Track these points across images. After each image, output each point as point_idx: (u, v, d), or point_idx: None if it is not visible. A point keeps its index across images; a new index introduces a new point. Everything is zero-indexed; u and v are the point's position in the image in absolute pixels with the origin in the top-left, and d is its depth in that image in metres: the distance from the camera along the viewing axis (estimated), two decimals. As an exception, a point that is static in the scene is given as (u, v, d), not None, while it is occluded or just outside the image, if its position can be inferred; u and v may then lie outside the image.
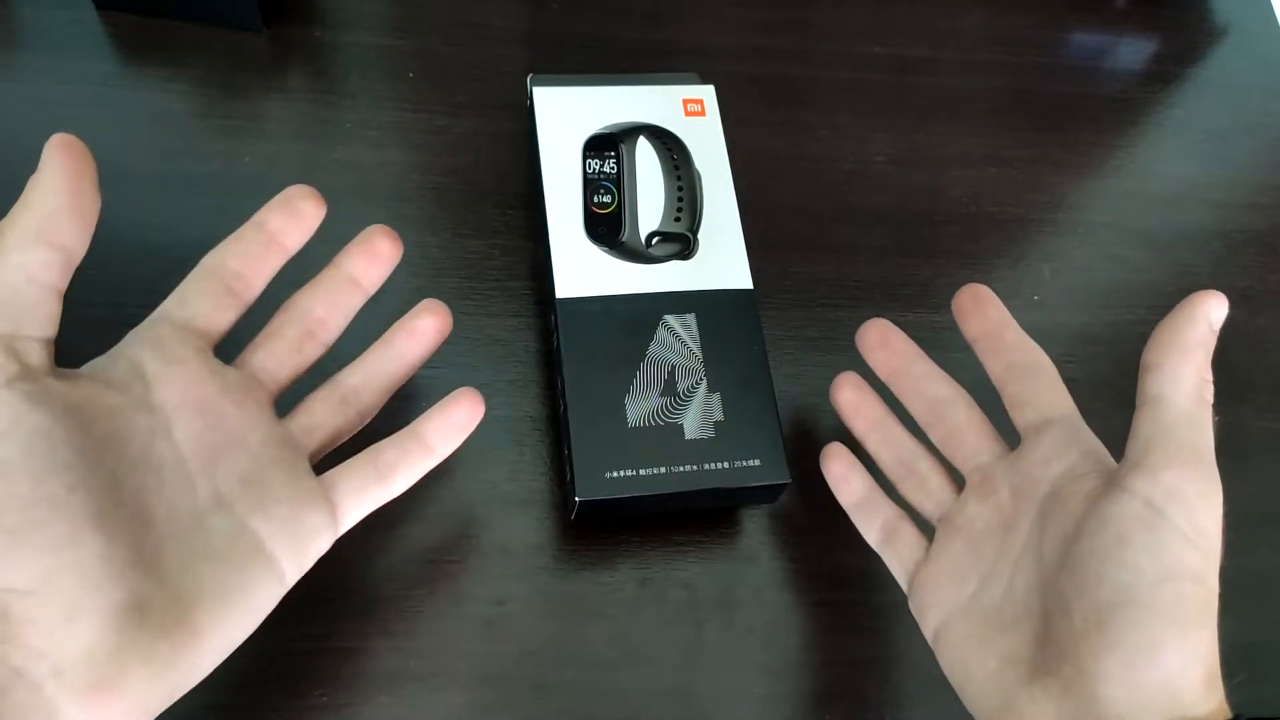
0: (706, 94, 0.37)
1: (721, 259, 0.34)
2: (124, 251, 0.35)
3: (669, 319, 0.33)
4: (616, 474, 0.30)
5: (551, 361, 0.35)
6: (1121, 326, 0.40)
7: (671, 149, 0.36)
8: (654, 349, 0.32)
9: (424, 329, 0.30)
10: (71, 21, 0.39)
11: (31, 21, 0.39)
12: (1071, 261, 0.42)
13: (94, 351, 0.31)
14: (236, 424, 0.26)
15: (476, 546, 0.32)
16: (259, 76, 0.39)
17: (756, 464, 0.31)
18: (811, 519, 0.34)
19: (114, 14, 0.39)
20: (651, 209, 0.35)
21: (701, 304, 0.33)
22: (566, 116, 0.36)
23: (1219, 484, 0.24)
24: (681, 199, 0.35)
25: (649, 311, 0.33)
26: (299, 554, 0.26)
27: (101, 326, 0.33)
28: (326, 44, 0.41)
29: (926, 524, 0.31)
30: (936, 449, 0.31)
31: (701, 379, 0.32)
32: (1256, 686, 0.34)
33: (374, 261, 0.29)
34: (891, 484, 0.31)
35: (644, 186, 0.35)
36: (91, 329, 0.32)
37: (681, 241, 0.34)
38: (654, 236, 0.34)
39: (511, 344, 0.36)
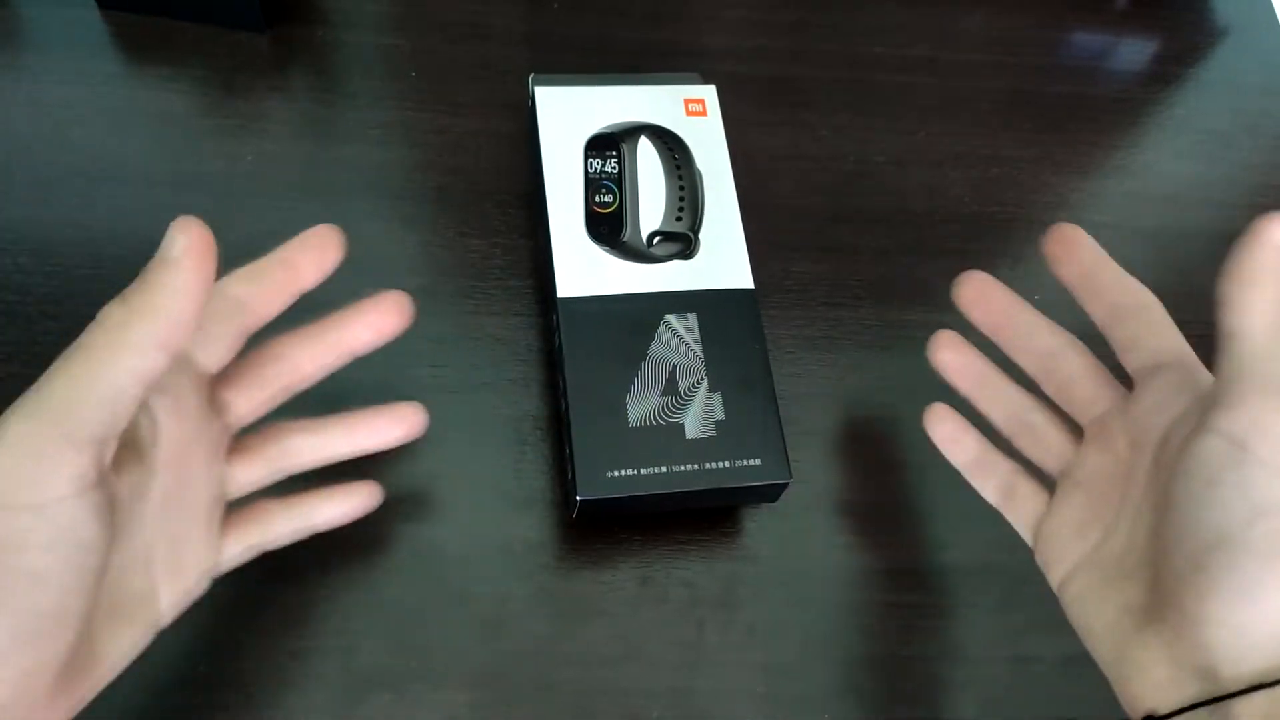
0: (708, 94, 0.38)
1: (722, 258, 0.34)
2: (124, 252, 0.35)
3: (670, 318, 0.33)
4: (617, 473, 0.30)
5: (553, 361, 0.35)
6: (1122, 326, 0.40)
7: (673, 148, 0.36)
8: (655, 348, 0.32)
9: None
10: (73, 21, 0.39)
11: (33, 21, 0.39)
12: (1072, 261, 0.42)
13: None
14: (195, 480, 0.25)
15: (477, 545, 0.32)
16: (261, 76, 0.40)
17: (757, 463, 0.31)
18: (812, 518, 0.34)
19: (116, 13, 0.39)
20: (653, 208, 0.35)
21: (702, 303, 0.33)
22: (568, 116, 0.36)
23: None
24: (683, 199, 0.35)
25: (650, 311, 0.33)
26: (176, 611, 0.25)
27: (104, 326, 0.33)
28: (328, 43, 0.41)
29: (1044, 477, 0.29)
30: (1048, 400, 0.30)
31: (702, 378, 0.32)
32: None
33: (376, 333, 0.28)
34: (1005, 440, 0.30)
35: (645, 186, 0.35)
36: (94, 328, 0.32)
37: (683, 241, 0.34)
38: (655, 236, 0.34)
39: (513, 343, 0.36)
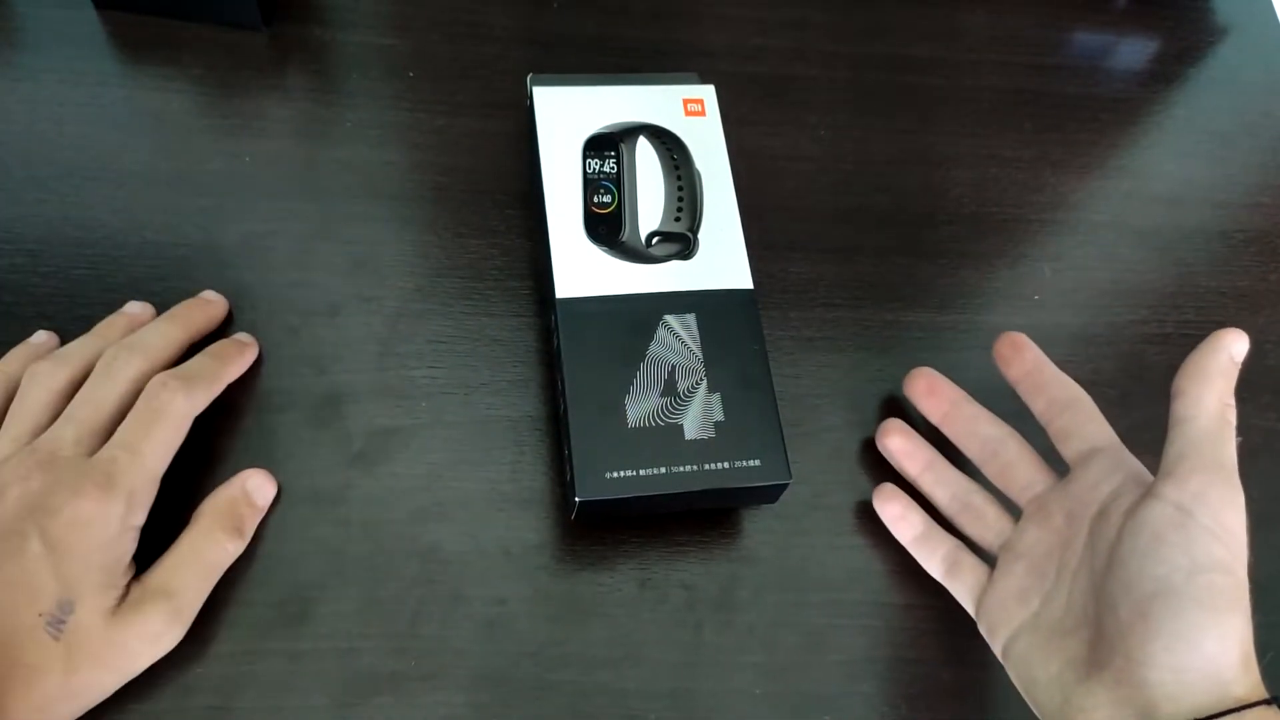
0: (706, 93, 0.37)
1: (722, 259, 0.34)
2: (122, 252, 0.35)
3: (669, 319, 0.33)
4: (617, 474, 0.30)
5: (552, 361, 0.35)
6: (1122, 326, 0.40)
7: (671, 149, 0.36)
8: (654, 349, 0.32)
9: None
10: (71, 21, 0.39)
11: (31, 21, 0.39)
12: (1072, 261, 0.41)
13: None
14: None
15: (477, 546, 0.32)
16: (259, 75, 0.39)
17: (757, 464, 0.31)
18: (810, 519, 0.34)
19: (113, 13, 0.39)
20: (651, 209, 0.35)
21: (702, 304, 0.33)
22: (566, 116, 0.36)
23: (1240, 490, 0.27)
24: (681, 199, 0.35)
25: (649, 311, 0.33)
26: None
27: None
28: (326, 43, 0.41)
29: (983, 553, 0.33)
30: (986, 483, 0.34)
31: (702, 379, 0.32)
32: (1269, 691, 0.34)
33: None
34: (948, 519, 0.34)
35: (644, 186, 0.35)
36: (89, 329, 0.32)
37: (681, 241, 0.34)
38: (654, 236, 0.34)
39: (511, 344, 0.36)
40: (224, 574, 0.30)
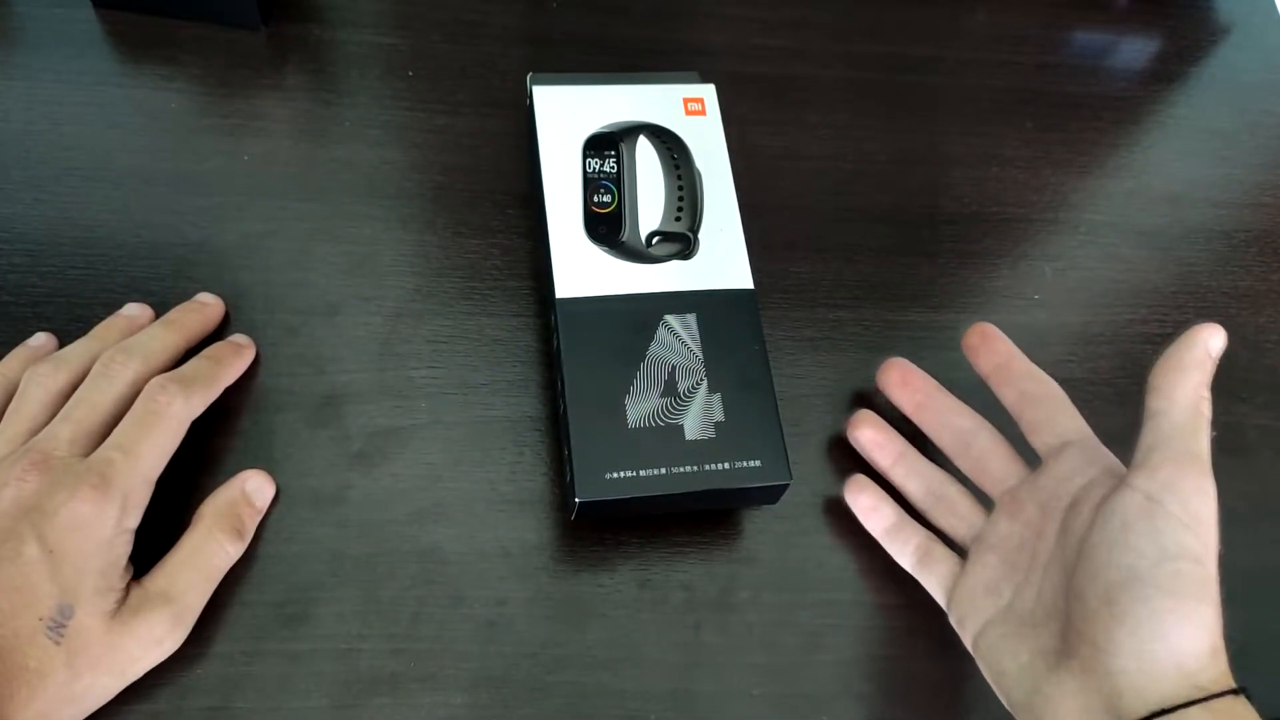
0: (707, 93, 0.37)
1: (722, 258, 0.34)
2: (121, 252, 0.35)
3: (669, 319, 0.33)
4: (616, 475, 0.30)
5: (552, 361, 0.34)
6: (1122, 326, 0.40)
7: (672, 148, 0.36)
8: (654, 349, 0.32)
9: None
10: (69, 20, 0.39)
11: (29, 20, 0.39)
12: (1073, 261, 0.41)
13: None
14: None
15: (476, 547, 0.32)
16: (257, 75, 0.39)
17: (757, 465, 0.31)
18: (810, 520, 0.34)
19: (111, 12, 0.39)
20: (652, 208, 0.35)
21: (702, 304, 0.33)
22: (566, 115, 0.36)
23: (1213, 481, 0.27)
24: (682, 198, 0.35)
25: (649, 311, 0.33)
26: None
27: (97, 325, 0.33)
28: (325, 42, 0.41)
29: (954, 545, 0.33)
30: (958, 475, 0.33)
31: (702, 379, 0.32)
32: (1258, 684, 0.34)
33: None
34: (920, 511, 0.33)
35: (644, 186, 0.35)
36: (87, 329, 0.32)
37: (682, 241, 0.34)
38: (654, 236, 0.34)
39: (511, 344, 0.35)
40: (221, 578, 0.30)
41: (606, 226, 0.34)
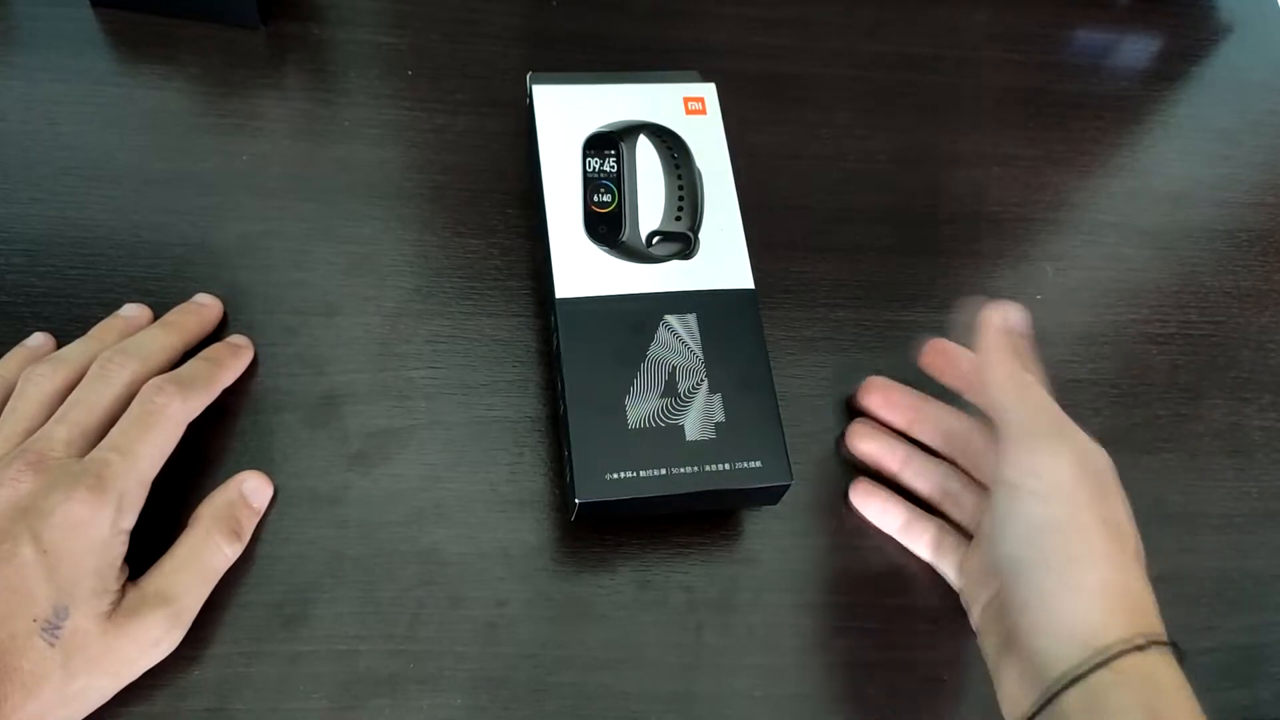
0: (707, 92, 0.37)
1: (722, 258, 0.34)
2: (119, 252, 0.35)
3: (670, 319, 0.32)
4: (617, 475, 0.30)
5: (552, 362, 0.34)
6: (1124, 326, 0.40)
7: (672, 147, 0.36)
8: (655, 349, 0.32)
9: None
10: (67, 19, 0.39)
11: (27, 19, 0.39)
12: (1075, 260, 0.41)
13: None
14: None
15: (476, 548, 0.32)
16: (256, 74, 0.39)
17: (758, 465, 0.31)
18: (811, 521, 0.34)
19: (110, 11, 0.39)
20: (652, 208, 0.35)
21: (702, 304, 0.33)
22: (566, 114, 0.36)
23: (1062, 438, 0.28)
24: (682, 198, 0.35)
25: (649, 312, 0.32)
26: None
27: (96, 325, 0.33)
28: (324, 41, 0.41)
29: (965, 531, 0.33)
30: (958, 467, 0.34)
31: (703, 380, 0.32)
32: (1260, 686, 0.34)
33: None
34: (932, 505, 0.34)
35: (644, 185, 0.35)
36: (86, 328, 0.32)
37: (682, 241, 0.34)
38: (654, 236, 0.34)
39: (511, 344, 0.35)
40: (219, 579, 0.29)
41: (606, 226, 0.34)
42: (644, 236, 0.34)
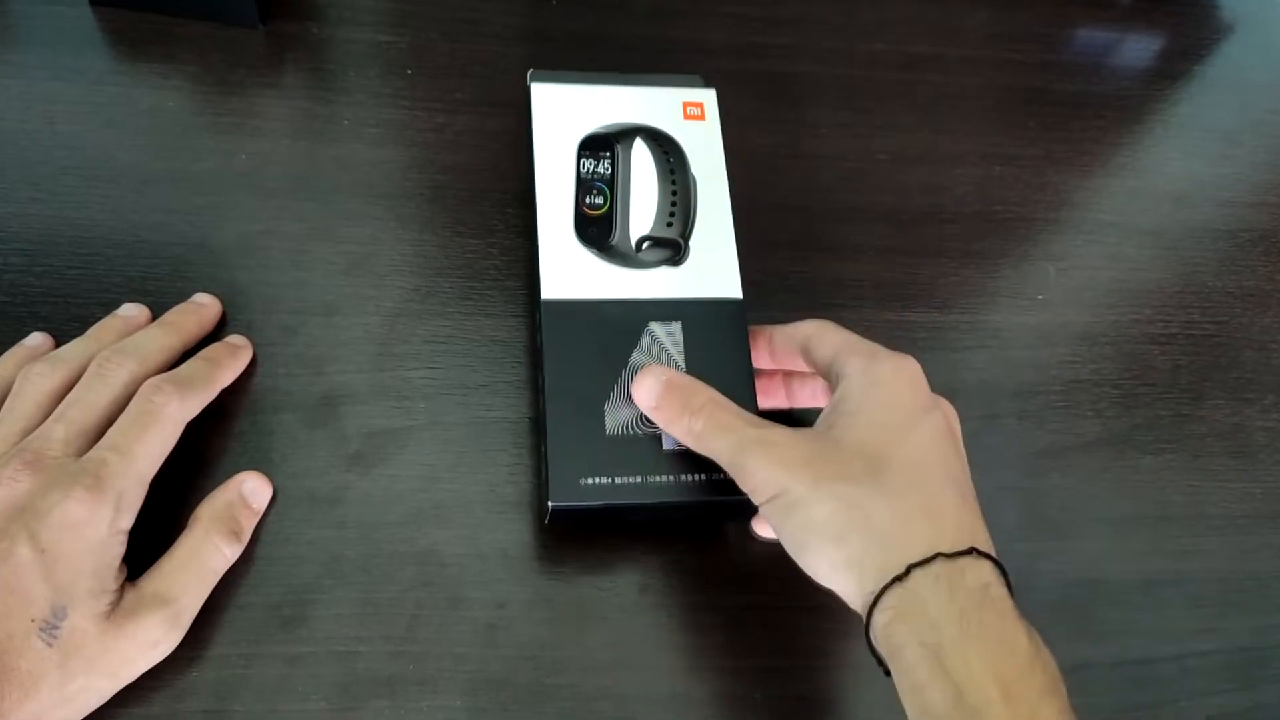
0: (707, 97, 0.37)
1: (712, 267, 0.34)
2: (118, 251, 0.35)
3: (654, 326, 0.32)
4: (592, 481, 0.30)
5: (536, 361, 0.34)
6: (1126, 326, 0.40)
7: (668, 152, 0.36)
8: (637, 356, 0.32)
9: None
10: (65, 18, 0.39)
11: (25, 17, 0.39)
12: (1076, 260, 0.41)
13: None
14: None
15: (475, 549, 0.32)
16: (255, 73, 0.39)
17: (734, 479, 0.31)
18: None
19: (108, 10, 0.39)
20: (644, 213, 0.34)
21: (688, 313, 0.32)
22: (564, 114, 0.36)
23: (765, 441, 0.28)
24: (675, 204, 0.35)
25: (634, 318, 0.32)
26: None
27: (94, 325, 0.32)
28: (324, 40, 0.40)
29: None
30: None
31: None
32: (1263, 689, 0.34)
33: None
34: None
35: (637, 189, 0.35)
36: (84, 328, 0.32)
37: (672, 247, 0.34)
38: (644, 241, 0.34)
39: (510, 344, 0.35)
40: (218, 580, 0.29)
41: (597, 229, 0.34)
42: (634, 241, 0.34)
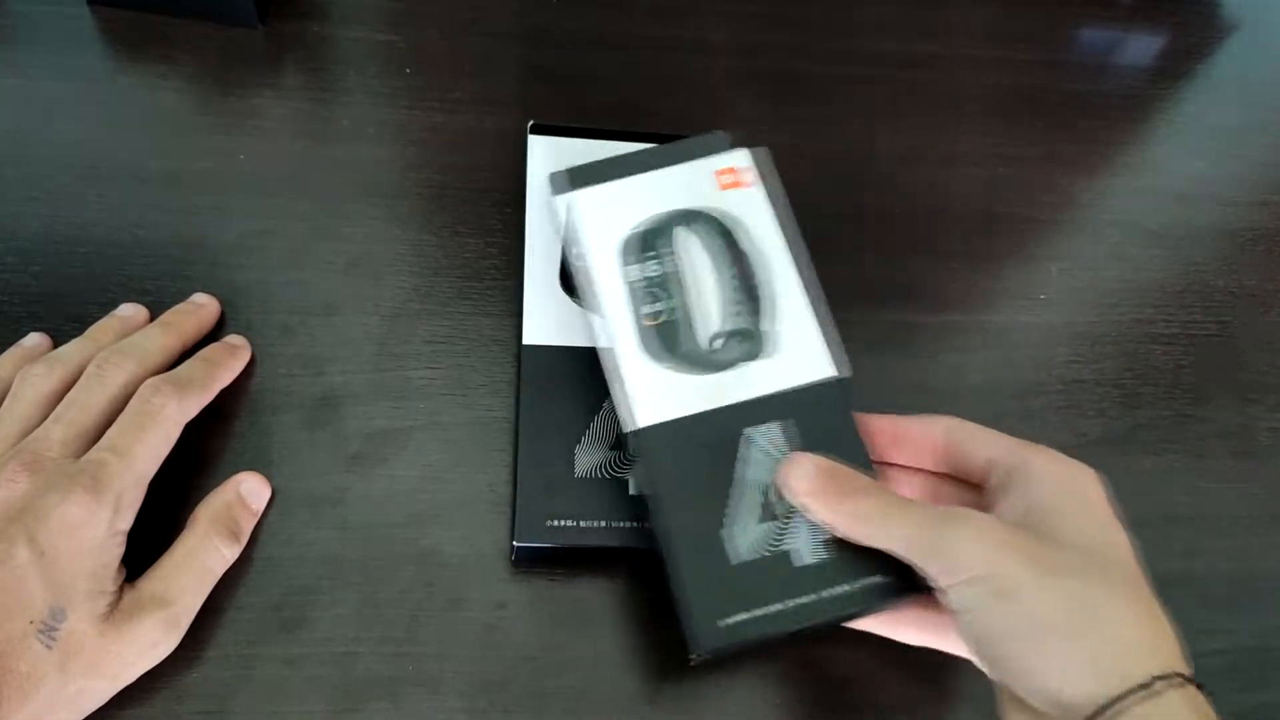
0: (739, 159, 0.33)
1: (796, 347, 0.31)
2: (116, 251, 0.34)
3: (749, 432, 0.30)
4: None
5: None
6: (1129, 326, 0.40)
7: (714, 234, 0.33)
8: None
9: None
10: (64, 17, 0.39)
11: (23, 17, 0.39)
12: (1079, 260, 0.41)
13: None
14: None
15: (475, 550, 0.32)
16: (254, 72, 0.39)
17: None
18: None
19: (106, 9, 0.39)
20: (709, 308, 0.32)
21: (785, 405, 0.30)
22: (600, 216, 0.33)
23: (971, 518, 0.26)
24: (739, 288, 0.32)
25: (728, 426, 0.30)
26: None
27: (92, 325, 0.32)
28: (323, 39, 0.40)
29: None
30: None
31: None
32: (1270, 690, 0.34)
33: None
34: None
35: (695, 284, 0.34)
36: (82, 329, 0.32)
37: (748, 338, 0.32)
38: (716, 338, 0.31)
39: (510, 344, 0.35)
40: (218, 581, 0.29)
41: (661, 338, 0.31)
42: (705, 342, 0.33)
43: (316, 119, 0.38)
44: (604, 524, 0.30)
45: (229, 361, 0.32)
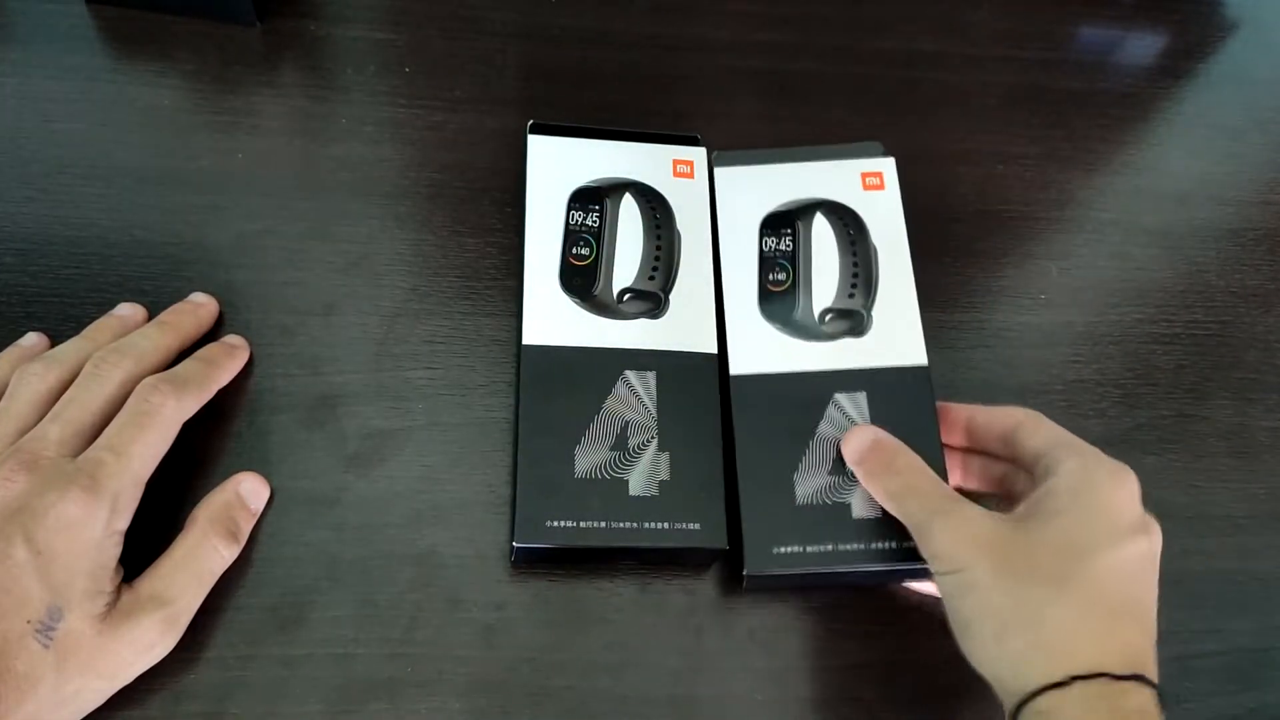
0: (886, 166, 0.37)
1: (897, 335, 0.34)
2: (113, 251, 0.34)
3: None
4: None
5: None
6: (1129, 325, 0.40)
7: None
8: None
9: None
10: (61, 15, 0.38)
11: (20, 15, 0.38)
12: (1079, 260, 0.41)
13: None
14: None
15: (474, 550, 0.32)
16: (252, 71, 0.39)
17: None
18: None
19: (104, 8, 0.39)
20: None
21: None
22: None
23: (957, 514, 0.28)
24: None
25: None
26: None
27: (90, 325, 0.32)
28: (321, 38, 0.40)
29: None
30: None
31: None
32: (1266, 690, 0.34)
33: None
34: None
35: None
36: (80, 329, 0.32)
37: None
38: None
39: (510, 344, 0.35)
40: (217, 582, 0.29)
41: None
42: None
43: (315, 118, 0.38)
44: (603, 524, 0.30)
45: (227, 361, 0.32)
